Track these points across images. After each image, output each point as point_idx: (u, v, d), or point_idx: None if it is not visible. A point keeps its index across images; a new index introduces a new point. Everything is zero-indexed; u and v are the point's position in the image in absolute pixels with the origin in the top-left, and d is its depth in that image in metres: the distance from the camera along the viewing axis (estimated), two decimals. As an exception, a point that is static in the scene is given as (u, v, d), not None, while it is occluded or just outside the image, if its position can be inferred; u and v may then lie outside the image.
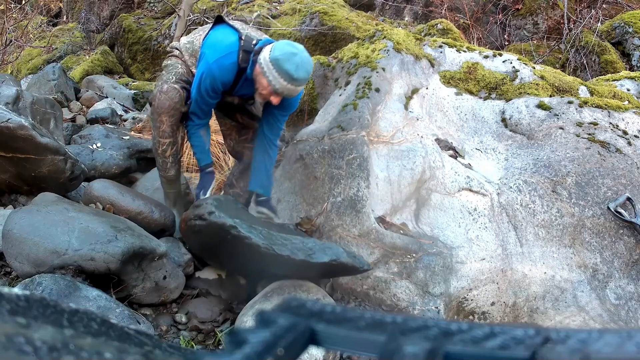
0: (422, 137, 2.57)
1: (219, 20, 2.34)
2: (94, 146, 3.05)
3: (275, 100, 2.15)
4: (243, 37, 2.19)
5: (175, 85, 2.27)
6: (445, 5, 5.61)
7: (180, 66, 2.35)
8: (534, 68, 3.01)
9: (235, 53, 2.17)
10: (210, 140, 2.68)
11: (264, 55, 2.10)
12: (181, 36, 5.05)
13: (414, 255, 2.21)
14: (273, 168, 2.49)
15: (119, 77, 6.49)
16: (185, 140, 2.49)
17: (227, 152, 3.08)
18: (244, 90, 2.31)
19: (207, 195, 2.35)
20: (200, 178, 2.44)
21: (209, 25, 2.38)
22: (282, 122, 2.46)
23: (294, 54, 2.05)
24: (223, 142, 2.84)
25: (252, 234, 1.77)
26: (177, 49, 2.42)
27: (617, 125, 2.70)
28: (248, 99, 2.46)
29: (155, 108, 2.27)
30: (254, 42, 2.19)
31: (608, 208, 2.33)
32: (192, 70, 2.34)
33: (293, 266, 1.82)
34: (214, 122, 2.79)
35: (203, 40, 2.32)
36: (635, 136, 2.66)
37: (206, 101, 2.26)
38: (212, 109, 2.40)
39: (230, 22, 2.30)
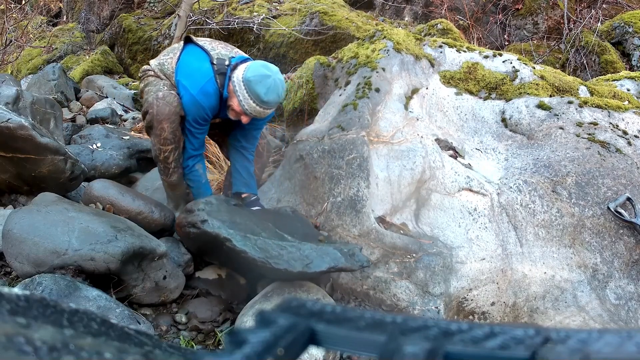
0: (422, 137, 2.57)
1: (187, 41, 2.37)
2: (94, 146, 3.05)
3: (245, 119, 2.20)
4: (214, 62, 2.23)
5: (171, 91, 2.27)
6: (445, 5, 5.61)
7: (162, 81, 2.36)
8: (534, 68, 3.01)
9: (213, 79, 2.21)
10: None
11: (237, 75, 2.14)
12: (181, 36, 5.06)
13: (414, 255, 2.21)
14: (253, 168, 2.53)
15: (119, 77, 6.48)
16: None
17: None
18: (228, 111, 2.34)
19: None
20: None
21: (178, 47, 2.40)
22: (258, 132, 2.50)
23: (266, 77, 2.08)
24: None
25: (246, 247, 1.75)
26: (150, 69, 2.43)
27: (617, 125, 2.70)
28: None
29: (154, 116, 2.23)
30: (227, 62, 2.23)
31: (608, 208, 2.33)
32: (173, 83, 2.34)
33: (290, 275, 1.81)
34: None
35: (176, 65, 2.32)
36: (635, 136, 2.66)
37: (197, 129, 2.30)
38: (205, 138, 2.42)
39: (199, 42, 2.34)
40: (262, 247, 1.78)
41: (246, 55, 2.34)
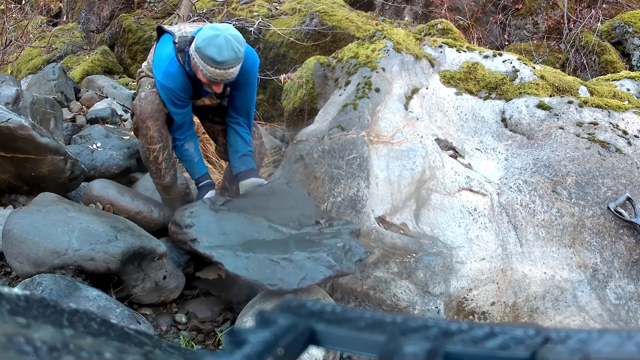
0: (422, 137, 2.57)
1: (160, 31, 2.32)
2: (94, 146, 3.05)
3: (217, 88, 2.12)
4: (176, 40, 2.16)
5: (153, 89, 2.25)
6: (445, 5, 5.61)
7: (149, 80, 2.35)
8: (534, 68, 3.01)
9: (174, 59, 2.15)
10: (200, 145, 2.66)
11: (192, 46, 2.06)
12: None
13: (414, 255, 2.21)
14: (250, 148, 2.45)
15: (119, 77, 6.48)
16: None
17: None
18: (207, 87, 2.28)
19: None
20: (197, 194, 2.41)
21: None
22: (249, 102, 2.41)
23: (215, 37, 1.98)
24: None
25: (238, 270, 1.77)
26: (142, 71, 2.43)
27: (617, 125, 2.70)
28: (221, 96, 2.42)
29: (138, 115, 2.21)
30: (189, 37, 2.15)
31: (608, 208, 2.33)
32: None
33: (286, 292, 1.81)
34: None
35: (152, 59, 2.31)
36: (635, 136, 2.66)
37: (177, 113, 2.26)
38: (192, 119, 2.38)
39: (168, 28, 2.30)
40: (254, 268, 1.79)
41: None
